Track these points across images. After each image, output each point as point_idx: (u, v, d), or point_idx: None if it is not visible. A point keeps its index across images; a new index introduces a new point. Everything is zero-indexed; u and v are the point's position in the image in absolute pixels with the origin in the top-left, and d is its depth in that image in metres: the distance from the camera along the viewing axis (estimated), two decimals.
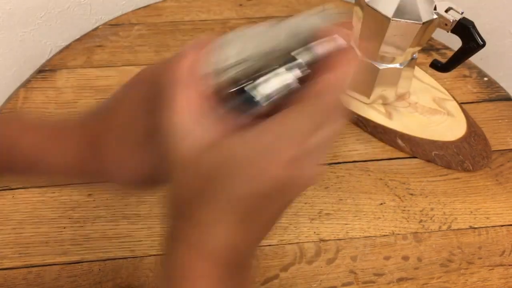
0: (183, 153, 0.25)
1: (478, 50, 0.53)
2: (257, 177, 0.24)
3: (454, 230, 0.55)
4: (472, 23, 0.52)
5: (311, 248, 0.53)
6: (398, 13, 0.52)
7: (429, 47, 0.72)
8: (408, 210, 0.56)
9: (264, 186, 0.24)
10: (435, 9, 0.53)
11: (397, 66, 0.59)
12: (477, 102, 0.67)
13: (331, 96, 0.24)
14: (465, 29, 0.52)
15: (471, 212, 0.56)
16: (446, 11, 0.52)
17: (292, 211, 0.55)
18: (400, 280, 0.51)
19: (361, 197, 0.57)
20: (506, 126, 0.64)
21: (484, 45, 0.52)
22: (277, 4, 0.78)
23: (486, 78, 0.69)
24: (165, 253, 0.27)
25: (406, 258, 0.53)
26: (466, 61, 0.57)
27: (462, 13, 0.52)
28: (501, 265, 0.53)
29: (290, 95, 0.25)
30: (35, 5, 0.72)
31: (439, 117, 0.63)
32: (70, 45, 0.70)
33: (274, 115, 0.24)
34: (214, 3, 0.77)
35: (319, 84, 0.24)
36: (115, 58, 0.68)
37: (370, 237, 0.54)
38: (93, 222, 0.53)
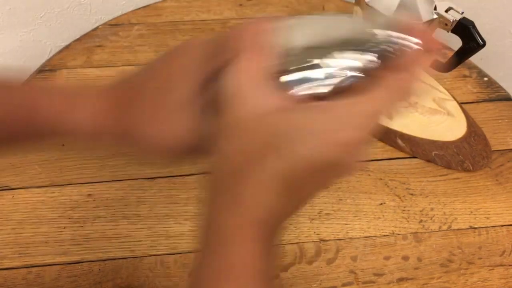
0: (241, 116, 0.25)
1: (478, 50, 0.53)
2: (317, 148, 0.24)
3: (454, 230, 0.55)
4: (472, 23, 0.52)
5: (311, 248, 0.53)
6: (398, 13, 0.52)
7: None
8: (408, 210, 0.56)
9: (321, 159, 0.25)
10: (435, 9, 0.53)
11: None
12: (477, 102, 0.67)
13: (400, 94, 0.26)
14: (465, 29, 0.52)
15: (471, 212, 0.56)
16: (446, 11, 0.52)
17: None
18: (400, 280, 0.51)
19: (361, 197, 0.57)
20: (506, 126, 0.64)
21: (484, 45, 0.52)
22: (277, 4, 0.78)
23: (486, 78, 0.69)
24: (205, 223, 0.27)
25: (406, 258, 0.52)
26: (466, 61, 0.57)
27: (462, 13, 0.52)
28: (501, 265, 0.53)
29: (354, 84, 0.26)
30: (35, 5, 0.72)
31: (439, 117, 0.63)
32: (70, 45, 0.70)
33: (342, 97, 0.25)
34: (214, 3, 0.77)
35: (391, 80, 0.25)
36: (115, 58, 0.68)
37: (370, 237, 0.54)
38: (93, 222, 0.53)
